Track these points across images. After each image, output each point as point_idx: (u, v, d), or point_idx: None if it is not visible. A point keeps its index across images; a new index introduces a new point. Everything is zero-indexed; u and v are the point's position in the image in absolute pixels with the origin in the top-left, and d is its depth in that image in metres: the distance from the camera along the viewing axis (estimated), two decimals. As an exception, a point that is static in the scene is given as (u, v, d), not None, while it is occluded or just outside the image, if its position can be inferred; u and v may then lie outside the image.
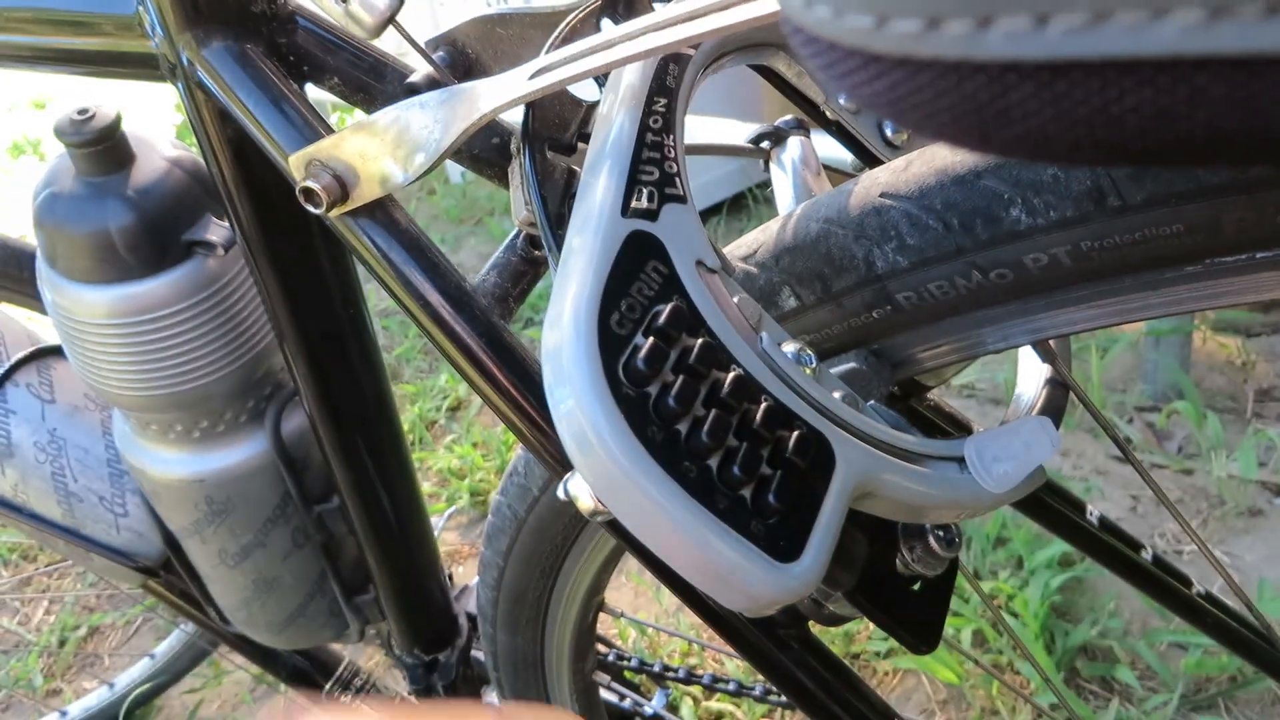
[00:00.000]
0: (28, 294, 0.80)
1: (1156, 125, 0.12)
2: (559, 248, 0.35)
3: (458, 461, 1.87)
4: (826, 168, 0.53)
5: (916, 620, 0.40)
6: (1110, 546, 0.59)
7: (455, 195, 3.12)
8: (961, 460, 0.36)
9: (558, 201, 0.38)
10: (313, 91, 0.50)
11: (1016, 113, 0.13)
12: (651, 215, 0.33)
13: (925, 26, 0.14)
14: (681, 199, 0.34)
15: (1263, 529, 1.51)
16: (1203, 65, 0.12)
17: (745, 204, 2.65)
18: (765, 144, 0.52)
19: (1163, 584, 0.62)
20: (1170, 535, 1.53)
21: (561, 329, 0.30)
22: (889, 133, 0.45)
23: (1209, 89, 0.12)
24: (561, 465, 0.43)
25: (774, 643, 0.46)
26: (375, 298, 2.21)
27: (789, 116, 0.51)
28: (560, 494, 0.34)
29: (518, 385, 0.43)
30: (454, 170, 3.22)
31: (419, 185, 3.29)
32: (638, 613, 1.49)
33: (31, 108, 4.35)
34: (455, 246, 2.83)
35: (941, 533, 0.40)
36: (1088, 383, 1.78)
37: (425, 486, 1.83)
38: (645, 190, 0.34)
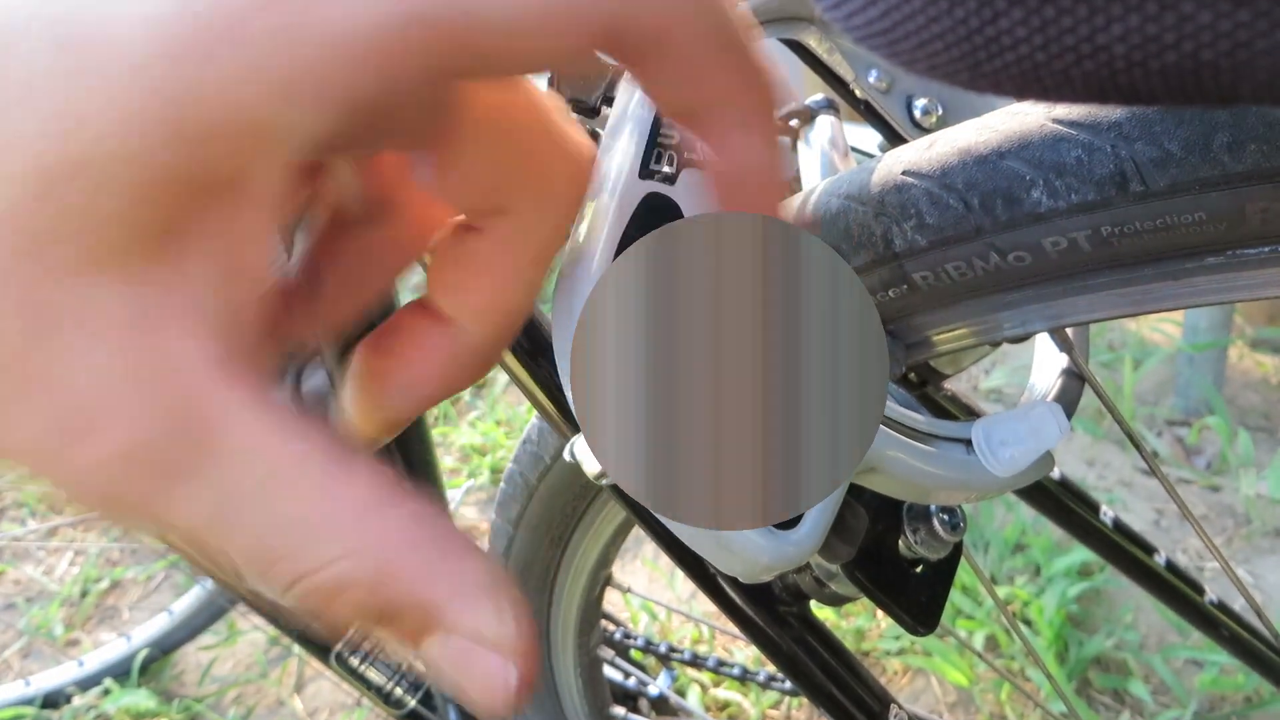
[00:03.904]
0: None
1: (1142, 56, 0.12)
2: (576, 208, 0.35)
3: (480, 438, 1.88)
4: (855, 150, 0.53)
5: (916, 602, 0.40)
6: (1122, 548, 0.59)
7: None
8: (969, 442, 0.36)
9: (579, 164, 0.38)
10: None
11: (1006, 39, 0.13)
12: (670, 179, 0.33)
13: None
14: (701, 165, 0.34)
15: (1288, 550, 1.49)
16: None
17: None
18: (794, 123, 0.51)
19: (1175, 590, 0.61)
20: (1193, 551, 1.51)
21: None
22: (917, 114, 0.44)
23: (1195, 16, 0.12)
24: (570, 428, 0.44)
25: (774, 619, 0.45)
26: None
27: (819, 96, 0.51)
28: (567, 456, 0.34)
29: (529, 347, 0.43)
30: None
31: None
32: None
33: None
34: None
35: (946, 516, 0.39)
36: (1119, 393, 1.76)
37: (447, 462, 1.84)
38: (665, 154, 0.34)
